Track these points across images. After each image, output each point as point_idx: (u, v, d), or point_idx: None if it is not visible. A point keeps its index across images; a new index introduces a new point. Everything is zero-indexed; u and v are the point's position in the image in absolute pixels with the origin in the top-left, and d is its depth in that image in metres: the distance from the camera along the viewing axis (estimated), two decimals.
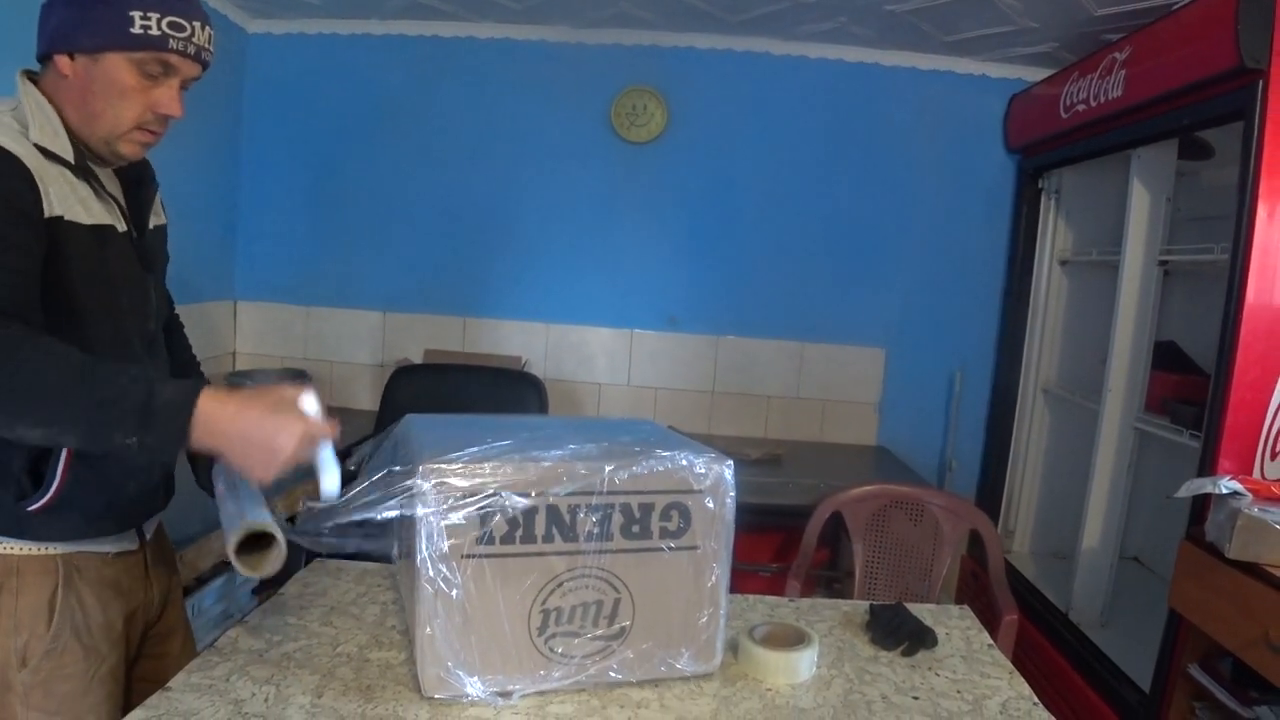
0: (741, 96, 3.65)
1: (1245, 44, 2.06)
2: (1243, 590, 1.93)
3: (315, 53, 3.64)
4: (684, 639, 1.36)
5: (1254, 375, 2.13)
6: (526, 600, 1.26)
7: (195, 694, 1.22)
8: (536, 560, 1.26)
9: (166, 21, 1.23)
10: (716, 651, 1.39)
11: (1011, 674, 1.51)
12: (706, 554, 1.34)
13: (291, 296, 3.76)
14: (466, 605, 1.23)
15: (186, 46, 1.27)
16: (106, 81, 1.24)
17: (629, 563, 1.30)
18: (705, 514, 1.32)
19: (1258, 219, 2.10)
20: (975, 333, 3.74)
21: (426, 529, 1.19)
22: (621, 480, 1.27)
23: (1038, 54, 3.42)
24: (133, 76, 1.25)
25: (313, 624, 1.48)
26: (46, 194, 1.20)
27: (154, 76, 1.27)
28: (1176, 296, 3.09)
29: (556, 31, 3.60)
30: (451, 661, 1.23)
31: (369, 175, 3.71)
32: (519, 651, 1.27)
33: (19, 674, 1.28)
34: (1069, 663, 2.77)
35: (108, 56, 1.23)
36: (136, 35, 1.22)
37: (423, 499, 1.19)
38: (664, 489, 1.30)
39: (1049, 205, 3.47)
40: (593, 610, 1.30)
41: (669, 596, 1.34)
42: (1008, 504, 3.63)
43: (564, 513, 1.25)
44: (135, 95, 1.26)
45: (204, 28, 1.30)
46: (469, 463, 1.22)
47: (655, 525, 1.30)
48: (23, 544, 1.27)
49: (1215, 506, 2.05)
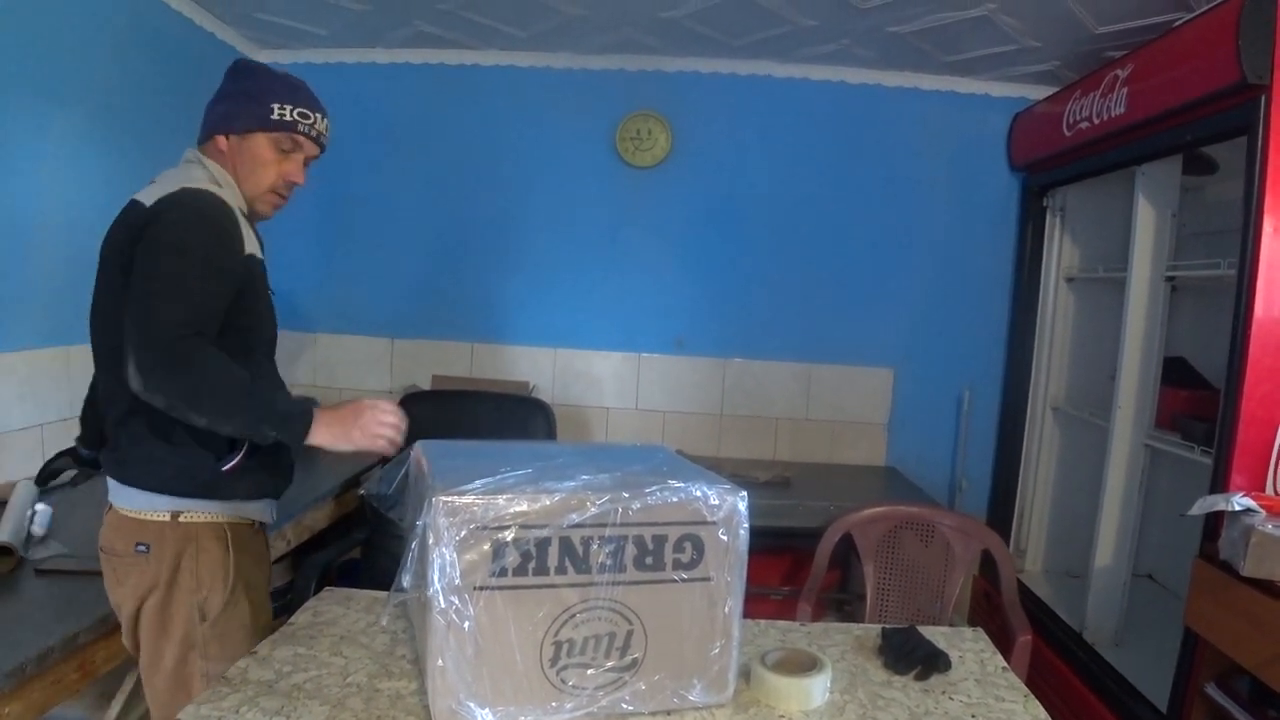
0: (745, 119, 3.67)
1: (1247, 60, 2.07)
2: (1258, 608, 1.91)
3: (322, 82, 3.56)
4: (696, 670, 1.35)
5: (1265, 390, 2.12)
6: (539, 632, 1.26)
7: None
8: (549, 592, 1.26)
9: (296, 110, 1.67)
10: (729, 682, 1.38)
11: (1027, 697, 1.50)
12: (720, 585, 1.33)
13: (299, 324, 3.77)
14: (479, 637, 1.22)
15: (310, 130, 1.70)
16: (251, 155, 1.67)
17: (641, 594, 1.30)
18: (718, 545, 1.31)
19: (1264, 233, 2.09)
20: (983, 351, 3.73)
21: (440, 560, 1.19)
22: (635, 512, 1.27)
23: (1040, 72, 3.44)
24: (270, 151, 1.67)
25: (322, 654, 1.48)
26: (244, 235, 1.60)
27: (285, 151, 1.69)
28: (1184, 312, 3.08)
29: (560, 59, 3.63)
30: (463, 693, 1.23)
31: (376, 202, 3.73)
32: (530, 683, 1.27)
33: (200, 628, 1.59)
34: (1084, 683, 2.74)
35: (254, 135, 1.66)
36: (275, 119, 1.65)
37: (435, 530, 1.19)
38: (677, 520, 1.30)
39: (1054, 223, 3.47)
40: (605, 642, 1.30)
41: (681, 628, 1.33)
42: (1019, 523, 3.61)
43: (577, 544, 1.25)
44: (271, 165, 1.68)
45: (323, 119, 1.74)
46: (482, 494, 1.22)
47: (668, 557, 1.30)
48: (203, 511, 1.61)
49: (1228, 524, 2.03)
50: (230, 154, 1.67)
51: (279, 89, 1.68)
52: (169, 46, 3.05)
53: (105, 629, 1.69)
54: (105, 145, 2.76)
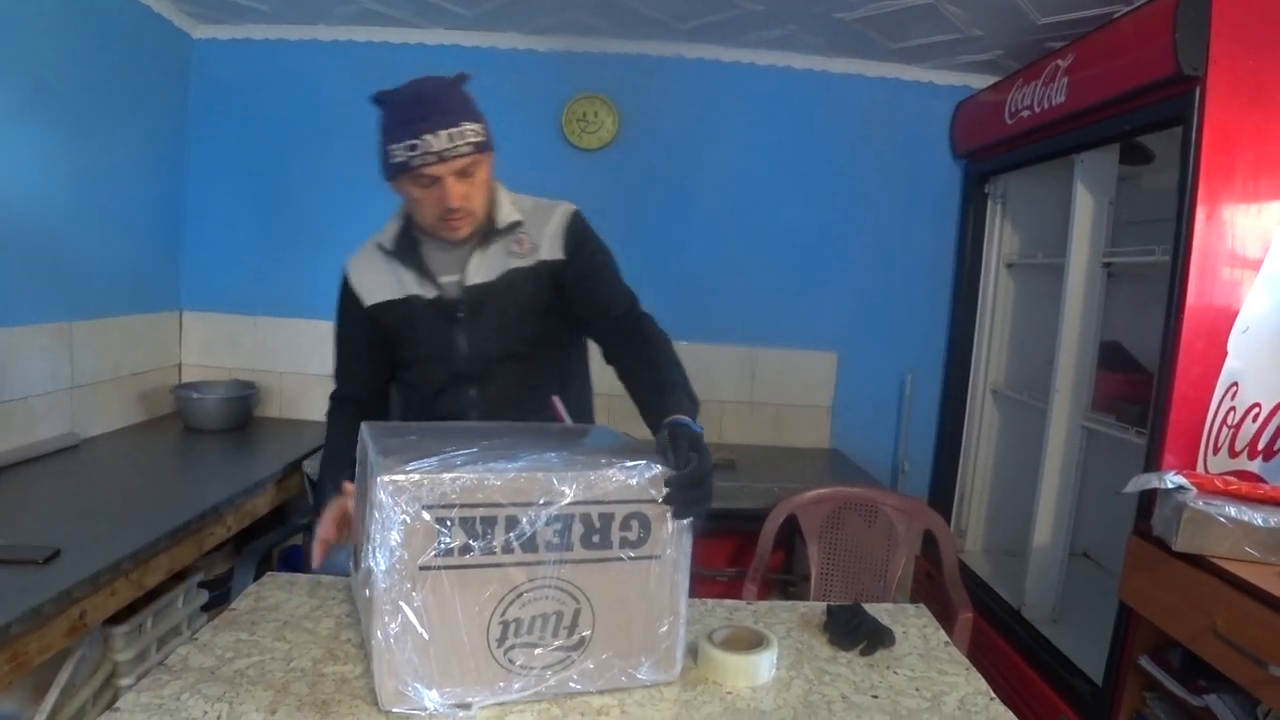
0: (692, 104, 3.66)
1: (1183, 52, 2.12)
2: (1190, 582, 1.97)
3: (262, 59, 3.58)
4: (644, 648, 1.35)
5: (1196, 373, 2.18)
6: (485, 611, 1.24)
7: (145, 714, 1.19)
8: (495, 572, 1.24)
9: (405, 146, 1.61)
10: (677, 660, 1.38)
11: (968, 670, 1.53)
12: (666, 563, 1.33)
13: (239, 306, 3.68)
14: (425, 617, 1.21)
15: (426, 158, 1.61)
16: (407, 197, 1.72)
17: (589, 573, 1.29)
18: (665, 523, 1.31)
19: (1197, 221, 2.15)
20: (925, 335, 3.79)
21: (384, 541, 1.18)
22: (581, 490, 1.25)
23: (983, 62, 3.48)
24: (415, 190, 1.68)
25: (266, 639, 1.45)
26: (362, 293, 1.82)
27: (425, 186, 1.66)
28: (1120, 298, 3.15)
29: (506, 39, 3.59)
30: (410, 674, 1.21)
31: (318, 182, 3.65)
32: (478, 663, 1.25)
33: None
34: (1023, 658, 2.81)
35: (397, 182, 1.69)
36: (396, 164, 1.64)
37: (379, 510, 1.17)
38: (624, 499, 1.28)
39: (995, 210, 3.53)
40: (553, 621, 1.29)
41: (629, 606, 1.32)
42: (960, 503, 3.69)
43: (524, 523, 1.23)
44: (425, 201, 1.68)
45: (437, 133, 1.61)
46: (427, 473, 1.20)
47: (615, 535, 1.29)
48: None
49: (1161, 501, 2.09)
50: (401, 195, 1.74)
51: (391, 125, 1.65)
52: (103, 21, 2.93)
53: (39, 620, 1.65)
54: (37, 122, 2.66)
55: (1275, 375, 2.19)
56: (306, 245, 3.67)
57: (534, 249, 1.80)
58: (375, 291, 1.81)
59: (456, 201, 1.66)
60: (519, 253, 1.79)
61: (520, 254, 1.79)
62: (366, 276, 1.83)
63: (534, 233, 1.81)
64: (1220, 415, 2.19)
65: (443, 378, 1.82)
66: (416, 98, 1.65)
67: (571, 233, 1.82)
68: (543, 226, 1.81)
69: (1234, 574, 1.86)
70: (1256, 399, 2.20)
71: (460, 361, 1.80)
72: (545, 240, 1.80)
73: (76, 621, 1.79)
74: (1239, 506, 1.96)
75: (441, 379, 1.82)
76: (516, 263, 1.78)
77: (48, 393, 2.75)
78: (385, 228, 1.84)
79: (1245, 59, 2.11)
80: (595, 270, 1.81)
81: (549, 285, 1.79)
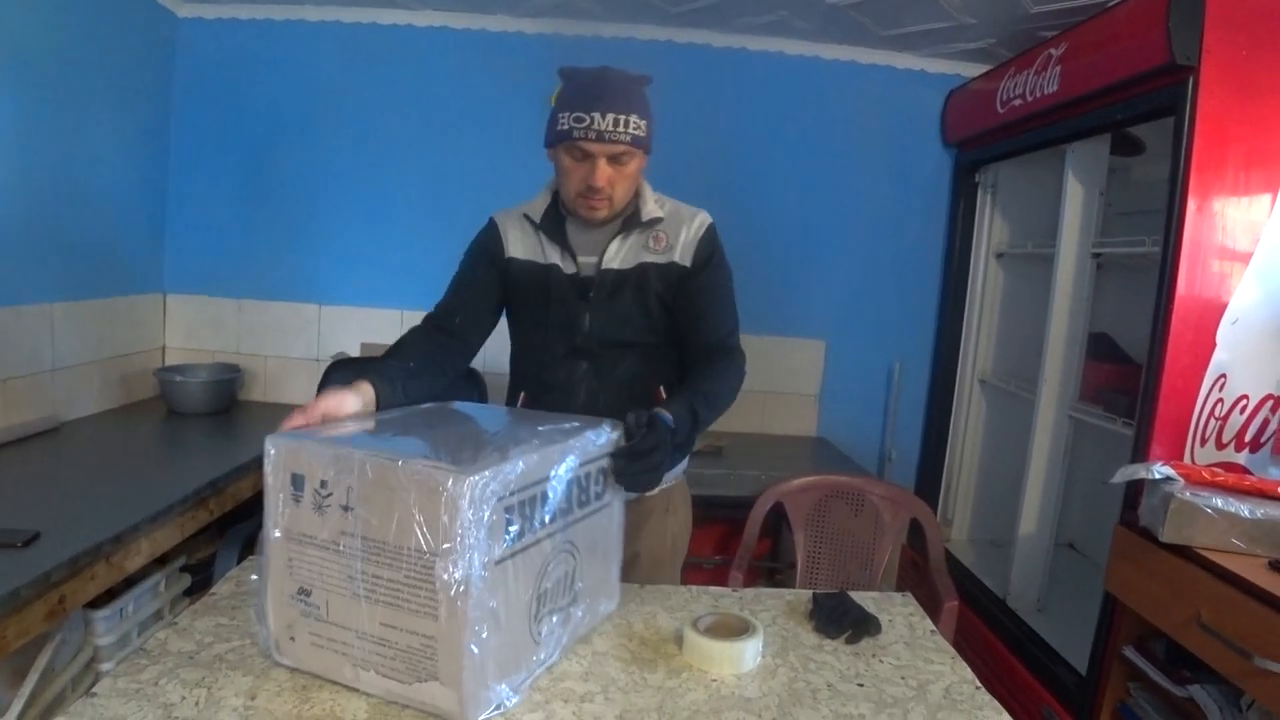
0: (682, 88, 3.63)
1: (1176, 41, 2.11)
2: (1175, 573, 1.98)
3: (248, 38, 3.53)
4: (604, 586, 1.52)
5: (1184, 364, 2.18)
6: (527, 591, 1.26)
7: (122, 699, 1.17)
8: (535, 549, 1.27)
9: (573, 117, 1.69)
10: (617, 589, 1.58)
11: (954, 659, 1.52)
12: (615, 506, 1.53)
13: (223, 289, 3.64)
14: (501, 612, 1.19)
15: (588, 133, 1.69)
16: (559, 167, 1.79)
17: (581, 529, 1.40)
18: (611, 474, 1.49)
19: (1188, 213, 2.15)
20: (914, 324, 3.79)
21: (468, 545, 1.13)
22: (579, 455, 1.37)
23: (975, 50, 3.47)
24: (568, 161, 1.75)
25: (246, 623, 1.43)
26: (508, 243, 1.88)
27: (578, 159, 1.74)
28: (1109, 289, 3.15)
29: (496, 21, 3.55)
30: (493, 675, 1.19)
31: (303, 164, 3.61)
32: (520, 643, 1.26)
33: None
34: (1007, 647, 2.82)
35: (554, 149, 1.78)
36: (560, 131, 1.72)
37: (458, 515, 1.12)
38: (595, 458, 1.43)
39: (985, 199, 3.53)
40: (563, 583, 1.36)
41: (598, 551, 1.47)
42: (946, 493, 3.69)
43: (550, 496, 1.29)
44: (573, 173, 1.75)
45: (605, 115, 1.69)
46: (493, 465, 1.16)
47: (591, 490, 1.43)
48: None
49: (1148, 492, 2.10)
50: (554, 163, 1.81)
51: (569, 96, 1.73)
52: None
53: (17, 604, 1.63)
54: (18, 101, 2.62)
55: (1263, 367, 2.20)
56: (292, 228, 3.64)
57: (669, 249, 1.86)
58: (520, 248, 1.88)
59: (601, 181, 1.73)
60: (655, 249, 1.85)
61: (656, 250, 1.85)
62: (512, 232, 1.89)
63: (671, 233, 1.87)
64: (1208, 407, 2.20)
65: (562, 349, 1.87)
66: (599, 78, 1.74)
67: (704, 244, 1.88)
68: (680, 230, 1.87)
69: (1220, 565, 1.87)
70: (1244, 391, 2.20)
71: (581, 338, 1.85)
72: (680, 244, 1.86)
73: (55, 605, 1.77)
74: (1226, 498, 1.96)
75: (561, 350, 1.87)
76: (651, 258, 1.85)
77: (29, 375, 2.72)
78: (533, 201, 1.91)
79: (1239, 49, 2.10)
80: (713, 289, 1.88)
81: (675, 286, 1.86)
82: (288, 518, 1.24)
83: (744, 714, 1.27)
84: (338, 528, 1.19)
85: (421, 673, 1.17)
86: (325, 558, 1.21)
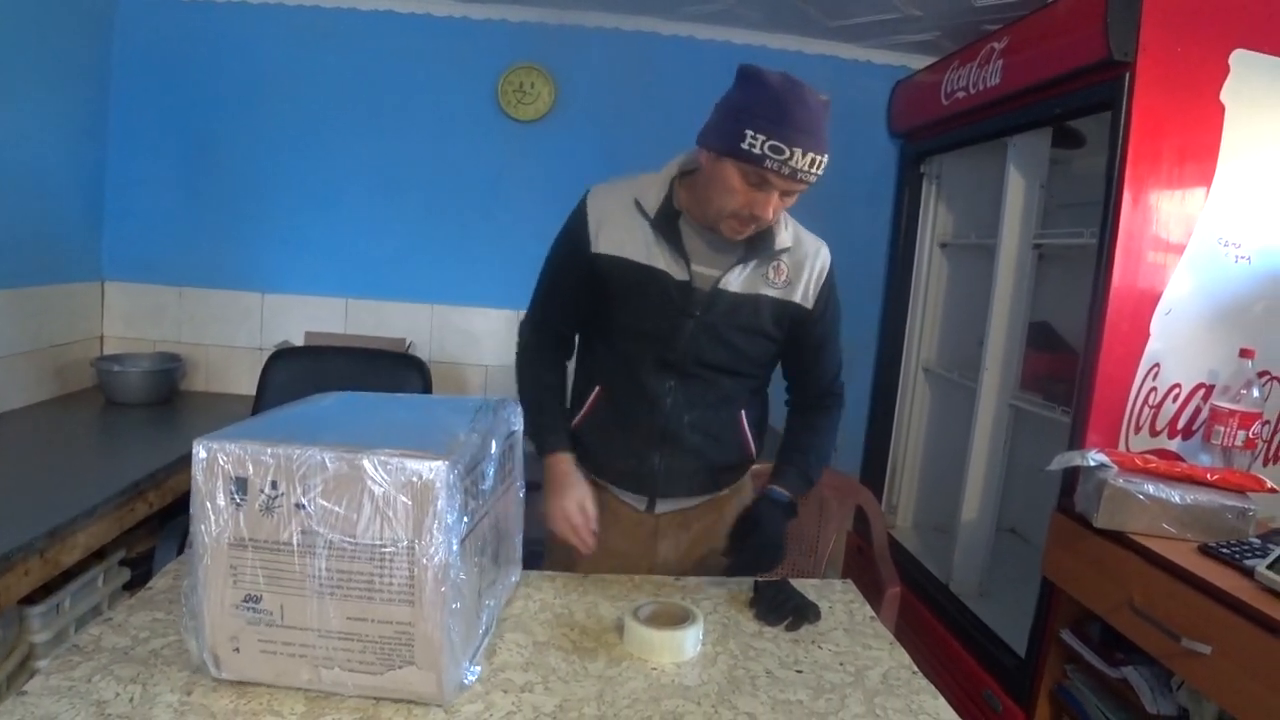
0: (630, 76, 3.62)
1: (1114, 37, 2.15)
2: (1109, 557, 2.03)
3: (189, 19, 3.45)
4: (512, 561, 1.59)
5: (1120, 354, 2.23)
6: (477, 566, 1.28)
7: (54, 697, 1.15)
8: (479, 527, 1.29)
9: (769, 144, 1.50)
10: (519, 562, 1.65)
11: (892, 644, 1.55)
12: (518, 482, 1.59)
13: (163, 277, 3.57)
14: (464, 589, 1.21)
15: (781, 168, 1.52)
16: (720, 178, 1.58)
17: (499, 506, 1.45)
18: (515, 450, 1.56)
19: (1124, 205, 2.19)
20: (859, 314, 3.80)
21: (440, 526, 1.14)
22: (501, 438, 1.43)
23: (921, 42, 3.51)
24: (738, 180, 1.56)
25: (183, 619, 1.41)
26: (597, 236, 1.73)
27: (754, 184, 1.56)
28: (1050, 279, 3.20)
29: (442, 5, 3.51)
30: (464, 656, 1.21)
31: (246, 149, 3.54)
32: (472, 619, 1.27)
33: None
34: (950, 632, 2.87)
35: (725, 160, 1.57)
36: (744, 150, 1.52)
37: (428, 502, 1.13)
38: (507, 435, 1.49)
39: (930, 190, 3.56)
40: (491, 552, 1.39)
41: (510, 526, 1.54)
42: (890, 480, 3.74)
43: (488, 476, 1.34)
44: (738, 194, 1.57)
45: (805, 154, 1.52)
46: (455, 454, 1.18)
47: (506, 468, 1.49)
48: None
49: (1084, 478, 2.14)
50: (706, 167, 1.63)
51: (761, 110, 1.52)
52: None
53: None
54: None
55: (1196, 357, 2.25)
56: (234, 214, 3.57)
57: (789, 286, 1.78)
58: (615, 242, 1.73)
59: (769, 216, 1.61)
60: (774, 281, 1.76)
61: (774, 283, 1.76)
62: (609, 220, 1.74)
63: (792, 268, 1.78)
64: (1142, 395, 2.25)
65: (652, 361, 1.76)
66: (801, 103, 1.53)
67: (827, 287, 1.82)
68: (802, 267, 1.79)
69: (1151, 549, 1.92)
70: (1177, 380, 2.26)
71: (676, 354, 1.75)
72: (802, 283, 1.78)
73: None
74: (1157, 484, 2.01)
75: (650, 358, 1.76)
76: (768, 290, 1.76)
77: None
78: (644, 186, 1.77)
79: (1174, 45, 2.14)
80: (829, 335, 1.87)
81: (786, 323, 1.80)
82: (229, 524, 1.17)
83: (683, 702, 1.28)
84: (292, 527, 1.16)
85: (395, 660, 1.17)
86: (278, 560, 1.16)
